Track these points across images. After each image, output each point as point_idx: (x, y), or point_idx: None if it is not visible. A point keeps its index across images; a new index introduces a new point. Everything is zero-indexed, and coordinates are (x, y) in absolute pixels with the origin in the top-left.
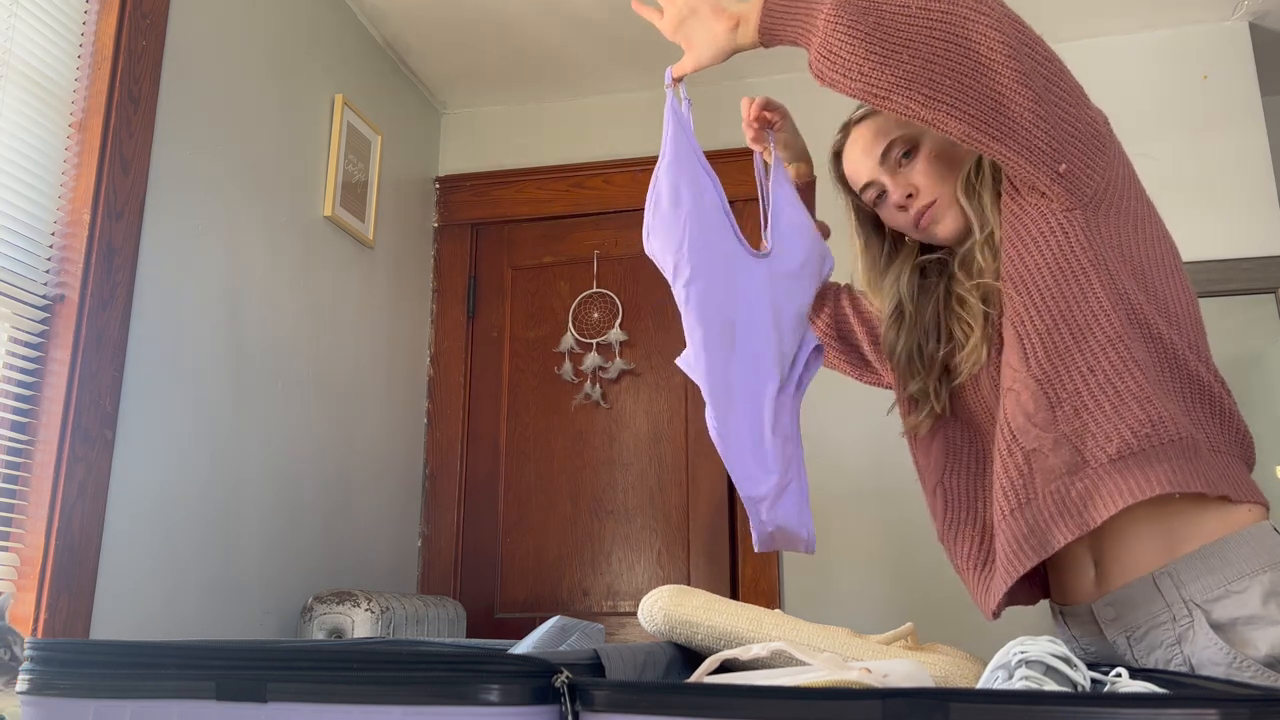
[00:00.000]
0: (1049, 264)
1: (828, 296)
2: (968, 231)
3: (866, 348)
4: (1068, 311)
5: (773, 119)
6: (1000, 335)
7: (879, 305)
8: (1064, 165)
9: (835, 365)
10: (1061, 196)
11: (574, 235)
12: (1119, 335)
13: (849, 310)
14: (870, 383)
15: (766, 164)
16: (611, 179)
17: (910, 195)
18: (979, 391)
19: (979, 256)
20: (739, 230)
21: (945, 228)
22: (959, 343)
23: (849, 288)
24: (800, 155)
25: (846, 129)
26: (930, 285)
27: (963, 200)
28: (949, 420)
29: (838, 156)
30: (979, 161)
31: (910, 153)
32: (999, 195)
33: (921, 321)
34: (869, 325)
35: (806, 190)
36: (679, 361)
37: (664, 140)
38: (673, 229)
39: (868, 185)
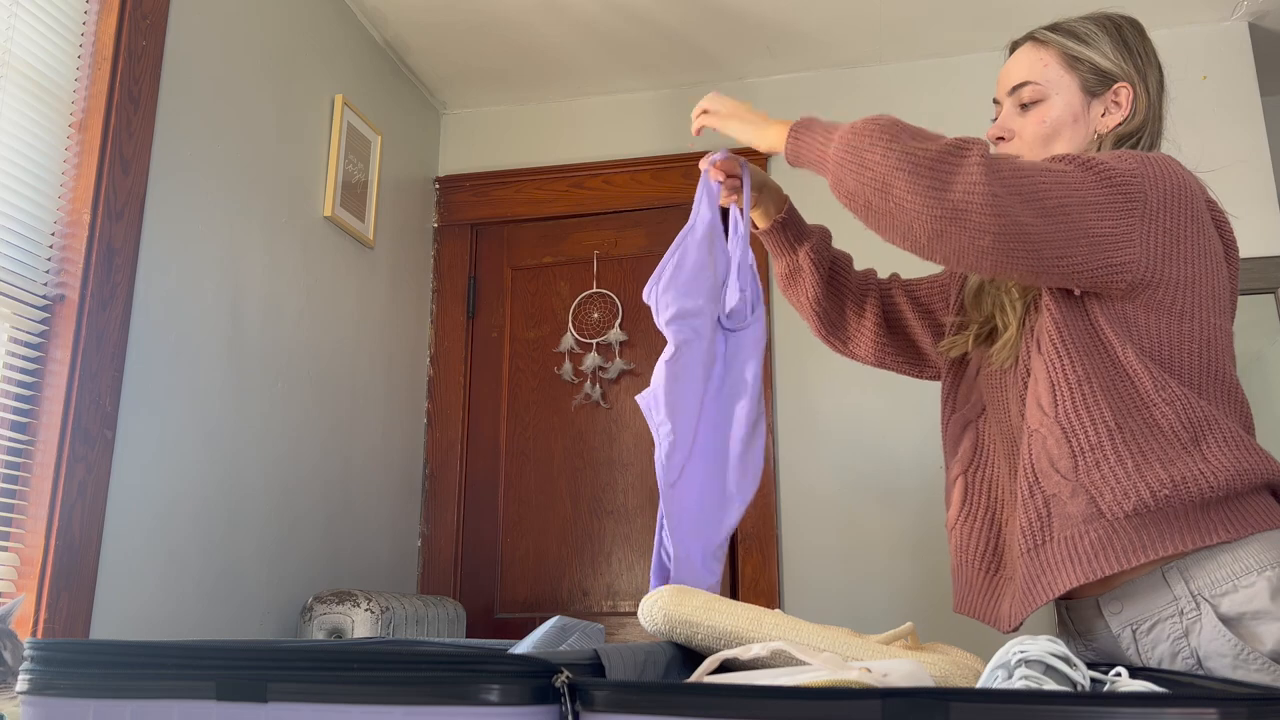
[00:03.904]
0: (1084, 328)
1: (873, 294)
2: None
3: (920, 335)
4: (1100, 370)
5: (730, 183)
6: (1029, 351)
7: None
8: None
9: (889, 364)
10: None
11: (574, 235)
12: (1148, 400)
13: (902, 301)
14: (929, 377)
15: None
16: (611, 179)
17: (1002, 138)
18: (1005, 393)
19: None
20: (726, 305)
21: None
22: (1000, 329)
23: (900, 279)
24: (773, 196)
25: (1029, 37)
26: None
27: None
28: (981, 416)
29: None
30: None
31: (1033, 104)
32: None
33: None
34: (926, 312)
35: (772, 232)
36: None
37: (695, 213)
38: (690, 293)
39: (996, 100)
